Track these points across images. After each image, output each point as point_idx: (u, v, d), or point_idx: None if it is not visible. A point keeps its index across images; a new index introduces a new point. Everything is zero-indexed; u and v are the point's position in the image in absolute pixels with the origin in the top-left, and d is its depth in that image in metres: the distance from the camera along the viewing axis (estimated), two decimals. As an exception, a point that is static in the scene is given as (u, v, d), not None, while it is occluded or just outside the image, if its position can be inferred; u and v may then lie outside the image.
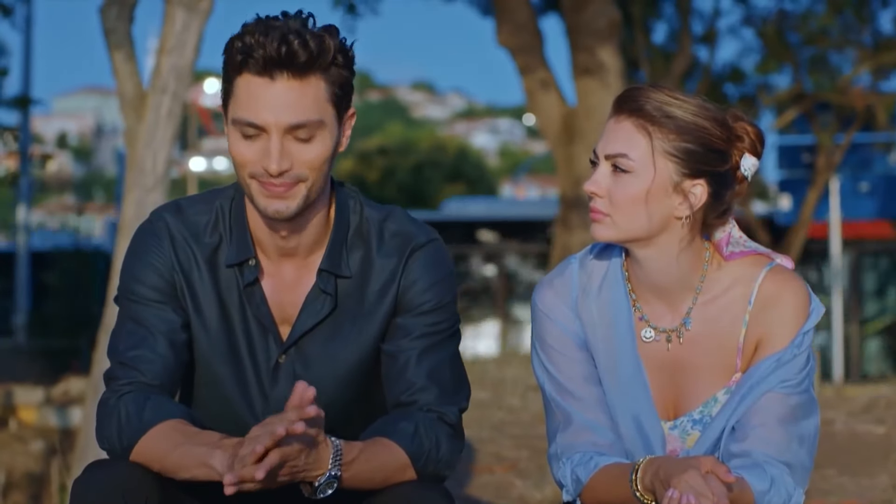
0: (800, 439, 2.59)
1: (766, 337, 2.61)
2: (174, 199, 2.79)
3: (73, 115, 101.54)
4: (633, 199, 2.55)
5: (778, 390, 2.58)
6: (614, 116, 2.58)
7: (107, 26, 6.01)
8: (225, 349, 2.68)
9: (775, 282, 2.63)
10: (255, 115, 2.54)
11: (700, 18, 20.63)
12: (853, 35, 20.13)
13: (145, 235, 2.70)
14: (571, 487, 2.66)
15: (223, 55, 2.58)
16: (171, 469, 2.45)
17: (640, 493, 2.52)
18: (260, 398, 2.68)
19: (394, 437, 2.55)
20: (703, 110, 2.58)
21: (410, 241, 2.69)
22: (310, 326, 2.67)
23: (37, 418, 10.24)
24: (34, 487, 7.83)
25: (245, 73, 2.54)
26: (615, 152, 2.55)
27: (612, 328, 2.66)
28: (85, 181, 70.49)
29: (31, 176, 20.67)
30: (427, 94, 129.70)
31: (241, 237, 2.67)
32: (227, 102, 2.60)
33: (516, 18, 12.75)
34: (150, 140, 5.90)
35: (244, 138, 2.56)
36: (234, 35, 2.57)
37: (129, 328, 2.65)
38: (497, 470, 5.95)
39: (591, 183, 2.57)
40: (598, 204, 2.57)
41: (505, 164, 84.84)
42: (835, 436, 6.50)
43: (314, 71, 2.54)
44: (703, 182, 2.57)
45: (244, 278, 2.66)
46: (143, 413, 2.52)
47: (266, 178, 2.55)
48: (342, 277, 2.67)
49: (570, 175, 12.58)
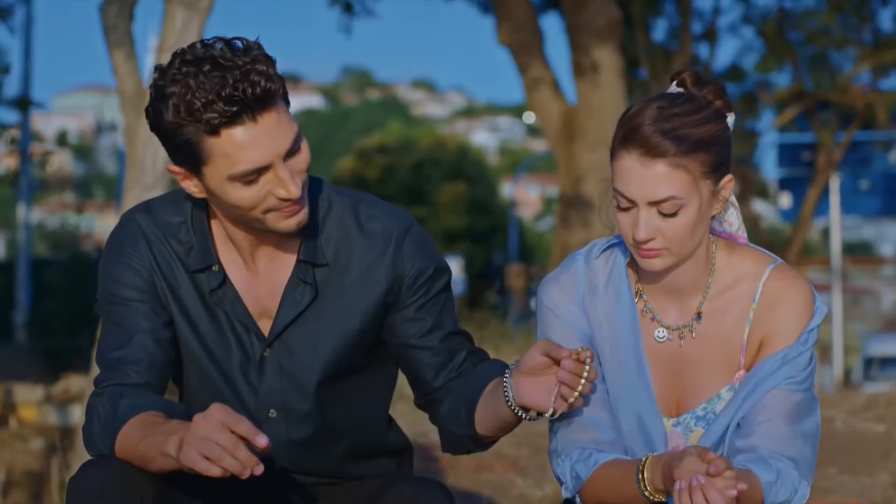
0: (803, 435, 2.59)
1: (770, 335, 2.61)
2: (143, 201, 2.77)
3: (73, 114, 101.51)
4: (690, 228, 2.55)
5: (783, 387, 2.58)
6: (632, 157, 2.53)
7: (107, 24, 6.01)
8: (211, 344, 2.68)
9: (780, 279, 2.63)
10: (256, 159, 2.50)
11: (700, 17, 20.66)
12: (853, 33, 20.13)
13: (120, 238, 2.70)
14: (571, 484, 2.66)
15: (179, 120, 2.47)
16: (140, 463, 2.44)
17: (649, 493, 2.52)
18: (249, 392, 2.68)
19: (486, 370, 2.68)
20: (700, 111, 2.57)
21: (393, 229, 2.69)
22: (291, 318, 2.66)
23: (37, 416, 10.23)
24: (34, 486, 7.82)
25: (205, 135, 2.48)
26: (662, 198, 2.52)
27: (617, 326, 2.66)
28: (85, 179, 70.41)
29: (31, 174, 20.66)
30: (427, 92, 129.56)
31: (203, 243, 2.67)
32: (207, 163, 2.51)
33: (516, 16, 12.75)
34: (150, 138, 5.90)
35: (245, 185, 2.52)
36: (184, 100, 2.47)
37: (113, 330, 2.64)
38: (497, 468, 5.95)
39: (644, 231, 2.53)
40: (654, 244, 2.55)
41: (505, 163, 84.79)
42: (835, 434, 6.50)
43: (277, 100, 2.51)
44: (729, 176, 2.60)
45: (210, 283, 2.66)
46: (116, 411, 2.51)
47: (283, 204, 2.54)
48: (319, 266, 2.67)
49: (570, 173, 12.58)
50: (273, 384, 2.67)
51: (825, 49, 20.40)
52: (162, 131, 2.52)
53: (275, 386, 2.68)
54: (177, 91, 2.46)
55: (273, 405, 2.69)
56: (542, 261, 37.60)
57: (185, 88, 2.46)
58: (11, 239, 30.06)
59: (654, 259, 2.56)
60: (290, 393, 2.68)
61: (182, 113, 2.47)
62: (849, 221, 31.11)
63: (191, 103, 2.45)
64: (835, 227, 23.16)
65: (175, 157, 2.56)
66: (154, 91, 2.51)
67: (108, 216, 54.21)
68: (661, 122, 2.52)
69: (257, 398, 2.68)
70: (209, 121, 2.46)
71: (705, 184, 2.54)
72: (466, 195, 42.22)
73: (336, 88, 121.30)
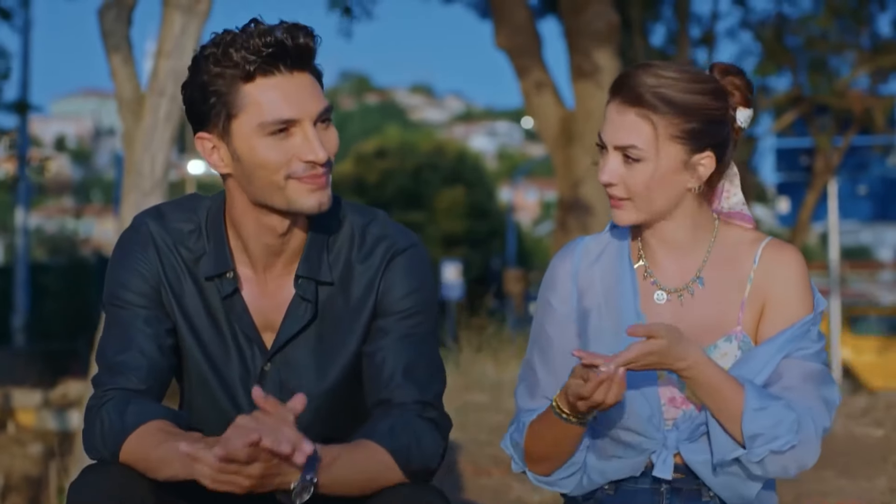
0: (824, 401, 2.66)
1: (773, 298, 2.69)
2: (155, 205, 2.78)
3: (72, 118, 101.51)
4: (648, 183, 2.65)
5: (797, 357, 2.66)
6: (614, 103, 2.68)
7: (105, 29, 6.01)
8: (213, 355, 2.68)
9: (777, 246, 2.73)
10: (286, 112, 2.54)
11: (698, 21, 20.66)
12: (851, 38, 20.14)
13: (130, 242, 2.70)
14: (516, 454, 2.79)
15: (217, 68, 2.54)
16: (154, 467, 2.44)
17: (567, 416, 2.63)
18: (248, 405, 2.67)
19: (372, 437, 2.54)
20: (696, 83, 2.66)
21: (391, 247, 2.68)
22: (293, 333, 2.66)
23: (35, 421, 10.24)
24: (32, 490, 7.82)
25: (241, 83, 2.53)
26: (623, 144, 2.65)
27: (616, 289, 2.74)
28: (83, 184, 70.46)
29: (30, 179, 20.66)
30: (425, 96, 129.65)
31: (220, 249, 2.67)
32: (238, 115, 2.55)
33: (514, 21, 12.75)
34: (148, 143, 5.90)
35: (273, 139, 2.54)
36: (222, 46, 2.54)
37: (116, 333, 2.65)
38: (495, 473, 5.95)
39: (605, 174, 2.67)
40: (616, 191, 2.67)
41: (503, 167, 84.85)
42: (833, 438, 6.50)
43: (312, 66, 2.59)
44: (709, 153, 2.68)
45: (223, 290, 2.66)
46: (124, 417, 2.52)
47: (310, 170, 2.55)
48: (323, 284, 2.67)
49: (568, 178, 12.58)
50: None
51: (823, 54, 20.41)
52: (197, 92, 2.56)
53: None
54: (216, 44, 2.54)
55: None
56: (541, 265, 37.57)
57: (223, 39, 2.54)
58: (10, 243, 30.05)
59: (619, 210, 2.68)
60: None
61: (220, 58, 2.53)
62: (847, 226, 31.14)
63: (227, 51, 2.52)
64: (833, 231, 23.18)
65: (206, 118, 2.58)
66: (194, 61, 2.58)
67: (106, 221, 54.24)
68: (648, 77, 2.64)
69: (254, 410, 2.68)
70: (244, 65, 2.52)
71: (673, 147, 2.64)
72: (465, 200, 42.23)
73: (334, 93, 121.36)
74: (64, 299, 20.29)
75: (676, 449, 2.69)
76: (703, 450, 2.68)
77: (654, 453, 2.70)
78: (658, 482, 2.72)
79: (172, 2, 5.92)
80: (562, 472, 2.76)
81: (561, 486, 2.79)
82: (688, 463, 2.69)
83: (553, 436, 2.70)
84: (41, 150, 36.28)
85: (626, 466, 2.73)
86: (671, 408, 2.70)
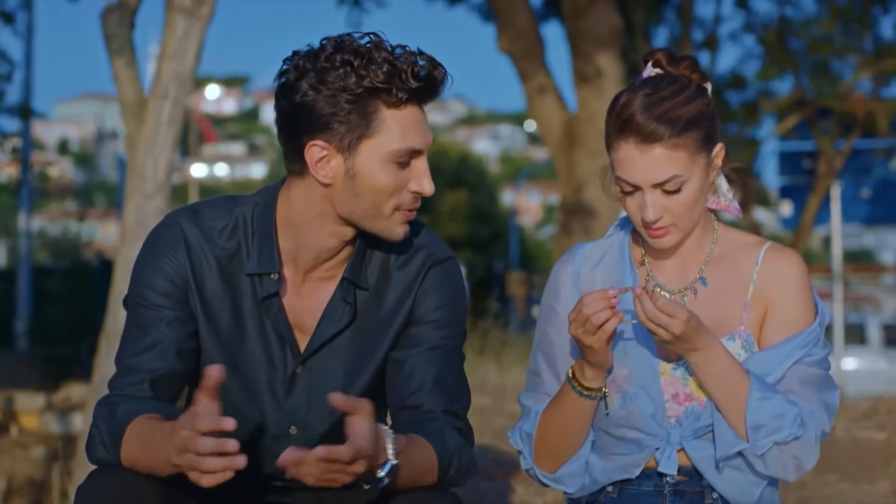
0: (825, 405, 2.68)
1: (775, 301, 2.71)
2: (191, 203, 2.75)
3: (74, 122, 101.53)
4: (693, 201, 2.68)
5: (804, 363, 2.68)
6: (629, 145, 2.65)
7: (108, 32, 6.02)
8: (234, 357, 2.64)
9: (779, 250, 2.76)
10: (417, 142, 2.57)
11: (701, 25, 20.65)
12: (854, 41, 20.13)
13: (160, 241, 2.66)
14: (525, 449, 2.83)
15: (364, 83, 2.51)
16: (149, 472, 2.44)
17: (585, 388, 2.68)
18: (273, 406, 2.66)
19: (426, 436, 2.55)
20: (683, 91, 2.68)
21: (431, 256, 2.70)
22: (329, 336, 2.65)
23: (38, 424, 10.23)
24: (35, 494, 7.83)
25: (384, 107, 2.54)
26: (663, 179, 2.64)
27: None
28: (86, 187, 70.45)
29: (32, 183, 20.66)
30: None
31: (267, 249, 2.64)
32: (373, 136, 2.54)
33: (517, 24, 12.75)
34: (151, 146, 5.91)
35: (397, 167, 2.57)
36: (366, 60, 2.51)
37: (136, 335, 2.62)
38: (498, 476, 5.95)
39: (651, 211, 2.66)
40: (662, 223, 2.68)
41: (506, 171, 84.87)
42: (836, 442, 6.50)
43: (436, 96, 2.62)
44: (719, 145, 2.73)
45: (263, 290, 2.64)
46: (115, 419, 2.51)
47: (414, 202, 2.60)
48: (360, 289, 2.67)
49: (571, 181, 12.58)
50: (299, 401, 2.66)
51: (826, 57, 20.39)
52: (327, 97, 2.52)
53: (301, 403, 2.66)
54: (360, 55, 2.50)
55: (295, 422, 2.67)
56: (543, 269, 37.56)
57: (384, 53, 2.52)
58: (13, 247, 30.06)
59: (664, 237, 2.69)
60: (313, 412, 2.66)
61: (364, 74, 2.50)
62: (849, 229, 31.12)
63: (377, 72, 2.49)
64: (836, 235, 23.16)
65: (329, 126, 2.54)
66: (323, 59, 2.52)
67: (109, 224, 54.22)
68: (652, 108, 2.64)
69: (280, 413, 2.66)
70: (397, 93, 2.52)
71: (701, 157, 2.67)
72: (467, 203, 42.19)
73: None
74: (67, 303, 20.28)
75: (680, 445, 2.70)
76: (707, 446, 2.69)
77: (657, 450, 2.71)
78: (661, 485, 2.73)
79: (175, 5, 5.92)
80: (568, 466, 2.77)
81: (566, 484, 2.80)
82: (691, 459, 2.70)
83: (563, 417, 2.73)
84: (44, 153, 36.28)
85: (629, 464, 2.73)
86: (674, 404, 2.71)
